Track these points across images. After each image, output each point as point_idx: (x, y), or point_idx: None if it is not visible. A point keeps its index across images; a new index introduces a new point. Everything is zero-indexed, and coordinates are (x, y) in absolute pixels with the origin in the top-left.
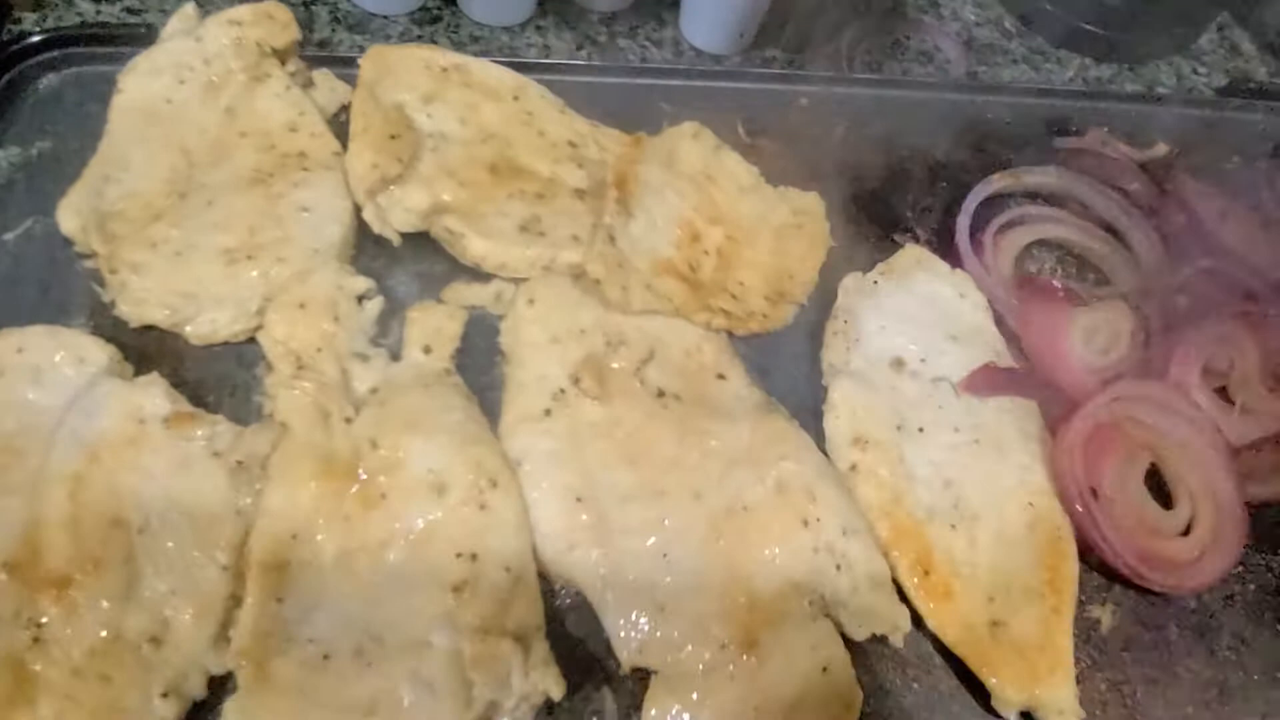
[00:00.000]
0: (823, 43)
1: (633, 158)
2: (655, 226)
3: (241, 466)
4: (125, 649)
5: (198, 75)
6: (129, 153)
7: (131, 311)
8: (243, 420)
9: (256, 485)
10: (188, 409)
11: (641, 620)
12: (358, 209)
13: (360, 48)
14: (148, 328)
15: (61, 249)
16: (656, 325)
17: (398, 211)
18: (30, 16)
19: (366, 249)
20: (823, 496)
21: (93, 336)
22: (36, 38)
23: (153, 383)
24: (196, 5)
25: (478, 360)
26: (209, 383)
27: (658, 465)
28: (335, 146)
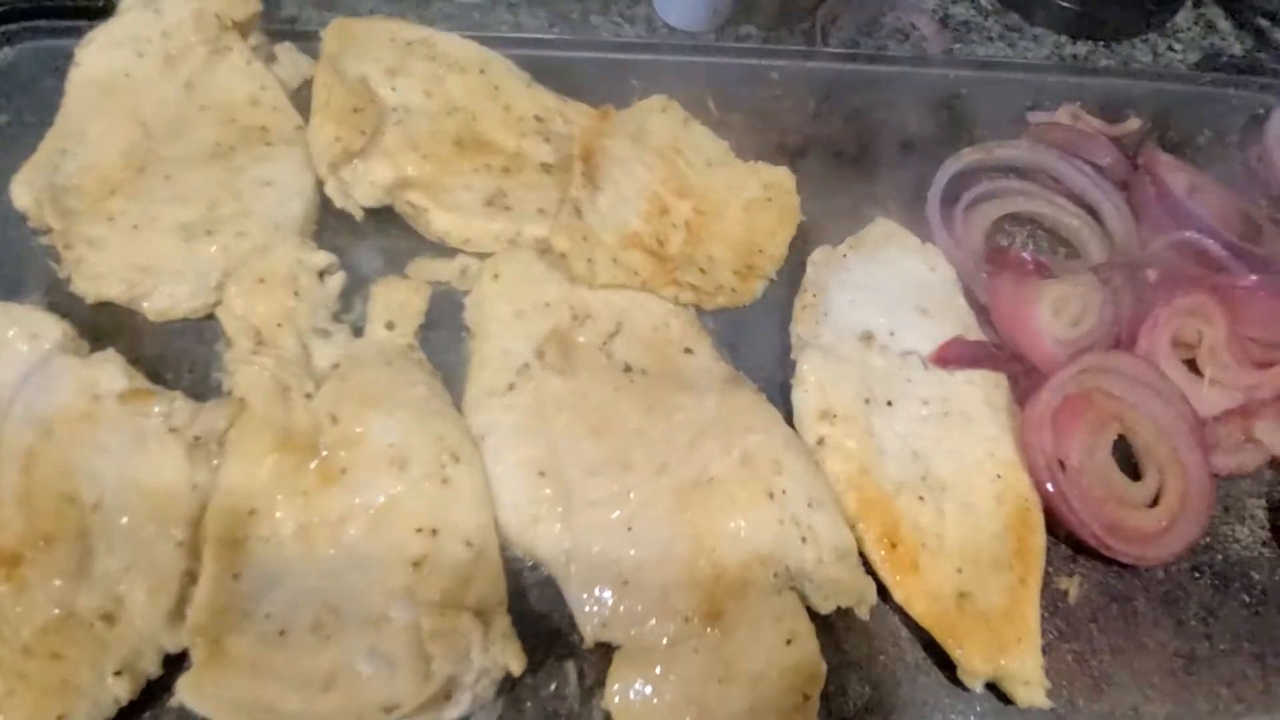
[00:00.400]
0: (798, 20)
1: (599, 131)
2: (623, 200)
3: (199, 442)
4: (77, 626)
5: (156, 48)
6: (85, 126)
7: (88, 287)
8: (202, 398)
9: (214, 461)
10: (144, 385)
11: (605, 594)
12: (320, 183)
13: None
14: (105, 304)
15: (15, 225)
16: (623, 299)
17: (361, 185)
18: None
19: (329, 224)
20: (789, 468)
21: (47, 312)
22: None
23: (108, 359)
24: None
25: (443, 336)
26: (167, 359)
27: (623, 438)
28: (297, 120)
